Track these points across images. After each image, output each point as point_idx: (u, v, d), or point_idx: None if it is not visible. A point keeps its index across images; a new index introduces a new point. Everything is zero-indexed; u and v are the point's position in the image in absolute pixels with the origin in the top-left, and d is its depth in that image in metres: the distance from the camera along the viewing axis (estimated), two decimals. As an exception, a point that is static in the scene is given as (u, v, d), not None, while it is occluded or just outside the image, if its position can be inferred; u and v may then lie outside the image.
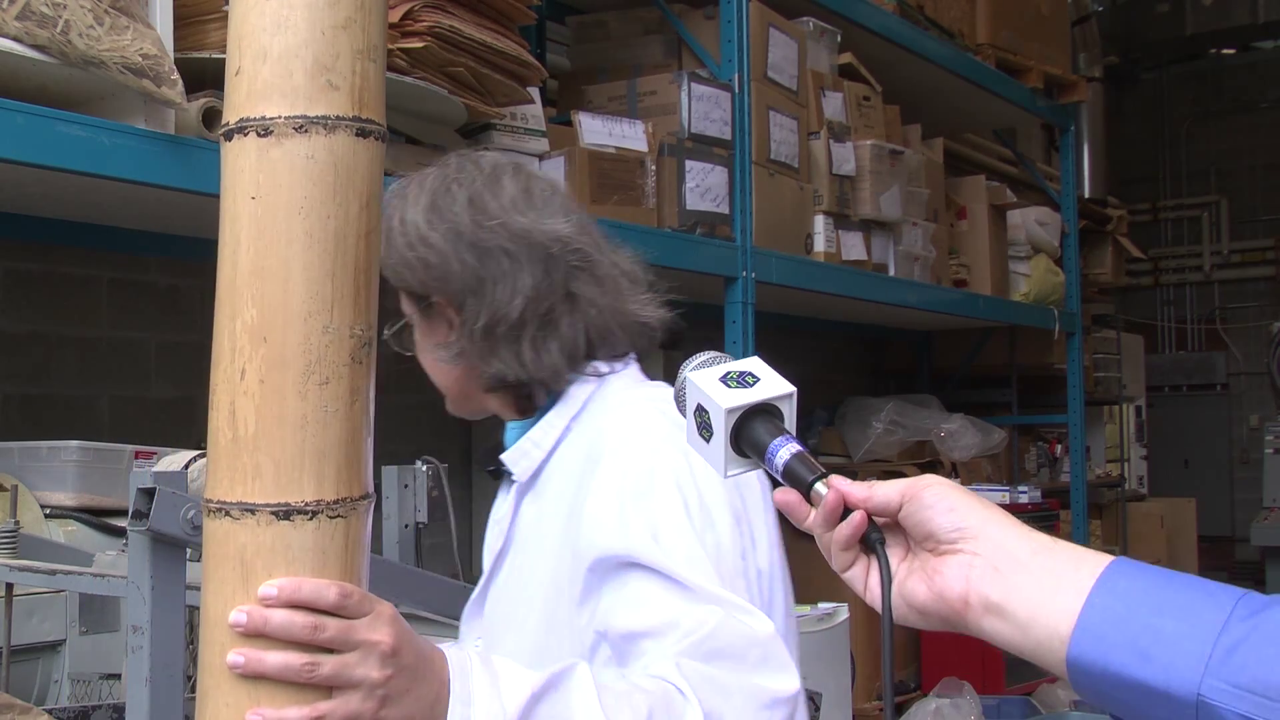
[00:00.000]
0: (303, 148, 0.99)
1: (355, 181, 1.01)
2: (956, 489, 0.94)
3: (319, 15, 0.99)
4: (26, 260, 3.60)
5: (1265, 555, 8.68)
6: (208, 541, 1.02)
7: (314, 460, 0.99)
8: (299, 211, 0.99)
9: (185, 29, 2.39)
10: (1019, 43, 5.78)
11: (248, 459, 0.99)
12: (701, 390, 1.05)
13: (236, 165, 1.01)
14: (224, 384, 1.02)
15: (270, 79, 0.99)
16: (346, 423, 1.00)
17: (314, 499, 0.98)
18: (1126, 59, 12.16)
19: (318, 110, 0.99)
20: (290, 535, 0.98)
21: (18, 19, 2.00)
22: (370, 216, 1.02)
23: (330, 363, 0.99)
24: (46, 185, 2.42)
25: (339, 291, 1.00)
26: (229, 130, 1.01)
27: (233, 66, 1.02)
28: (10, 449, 2.92)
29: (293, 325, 0.99)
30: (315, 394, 0.99)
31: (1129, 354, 9.23)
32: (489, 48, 2.68)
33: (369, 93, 1.01)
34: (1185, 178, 13.03)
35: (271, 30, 0.99)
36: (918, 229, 4.94)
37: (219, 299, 1.03)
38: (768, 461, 1.01)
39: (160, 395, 3.93)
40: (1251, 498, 10.49)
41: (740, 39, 3.77)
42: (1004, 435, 6.22)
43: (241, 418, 1.00)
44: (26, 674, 2.52)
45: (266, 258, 0.99)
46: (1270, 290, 12.45)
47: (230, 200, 1.02)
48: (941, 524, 0.92)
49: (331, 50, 0.99)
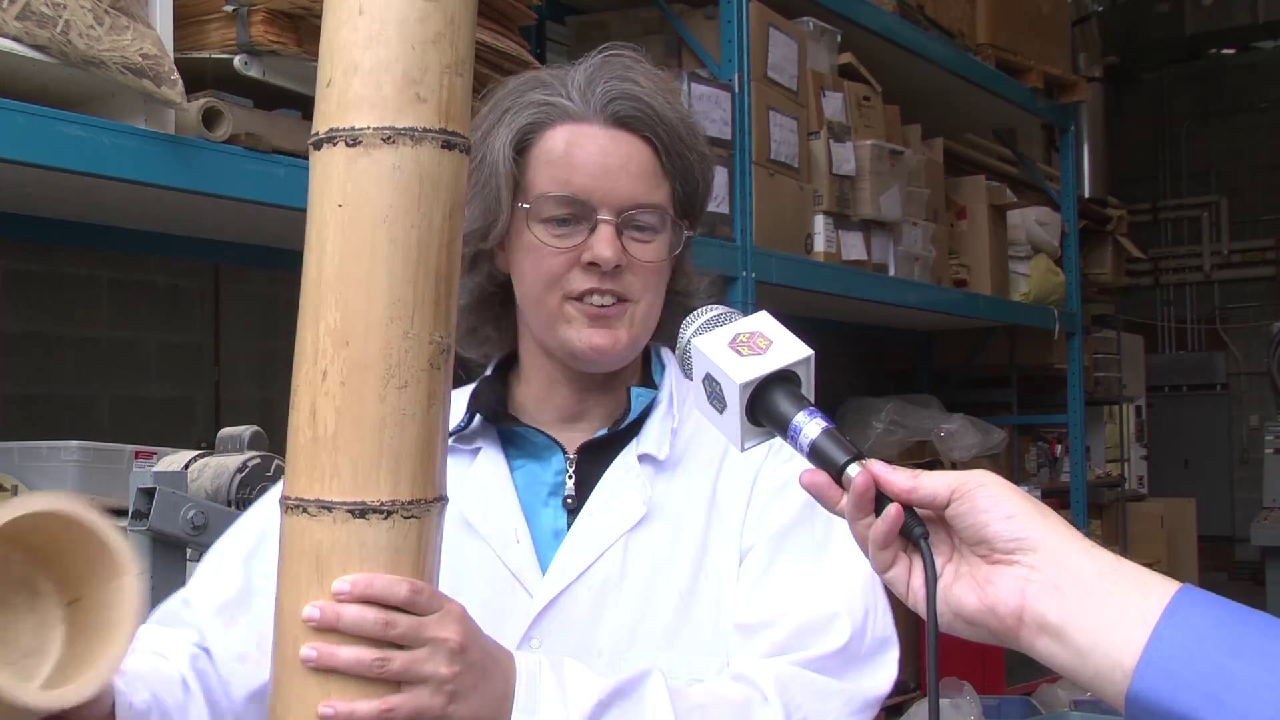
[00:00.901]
0: (390, 158, 1.01)
1: (439, 192, 1.03)
2: (1013, 491, 0.88)
3: (410, 30, 1.01)
4: (27, 260, 3.60)
5: (1265, 555, 8.68)
6: (284, 537, 1.04)
7: (390, 461, 1.01)
8: (384, 220, 1.01)
9: (185, 29, 2.39)
10: (1019, 43, 5.78)
11: (326, 458, 1.02)
12: (709, 359, 0.97)
13: (325, 173, 1.03)
14: (305, 384, 1.04)
15: (360, 91, 1.02)
16: (423, 426, 1.03)
17: (389, 499, 1.01)
18: (1126, 59, 12.16)
19: (405, 122, 1.02)
20: (365, 533, 1.01)
21: (18, 19, 2.00)
22: (452, 226, 1.05)
23: (410, 367, 1.02)
24: (46, 185, 2.41)
25: (420, 298, 1.02)
26: (318, 140, 1.04)
27: (324, 78, 1.04)
28: (10, 449, 2.92)
29: (374, 330, 1.01)
30: (394, 397, 1.02)
31: (1129, 354, 9.23)
32: (489, 48, 2.68)
33: (455, 106, 1.04)
34: (1185, 178, 13.03)
35: (363, 44, 1.02)
36: (918, 229, 4.94)
37: (303, 302, 1.06)
38: (791, 436, 0.94)
39: (160, 395, 3.93)
40: (1251, 498, 10.49)
41: (740, 39, 3.77)
42: (1004, 435, 6.22)
43: (322, 418, 1.02)
44: (26, 674, 2.52)
45: (351, 264, 1.02)
46: (1270, 290, 12.46)
47: (317, 207, 1.04)
48: (998, 531, 0.86)
49: (420, 64, 1.02)
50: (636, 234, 1.27)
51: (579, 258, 1.25)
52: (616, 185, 1.25)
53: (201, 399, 4.03)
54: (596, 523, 1.27)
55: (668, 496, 1.28)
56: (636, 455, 1.30)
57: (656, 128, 1.28)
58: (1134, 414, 10.00)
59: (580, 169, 1.25)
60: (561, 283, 1.26)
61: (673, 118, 1.30)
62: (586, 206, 1.25)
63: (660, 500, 1.28)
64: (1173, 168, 13.09)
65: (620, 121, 1.27)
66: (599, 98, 1.26)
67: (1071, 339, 6.36)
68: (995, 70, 5.57)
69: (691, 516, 1.28)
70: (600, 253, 1.23)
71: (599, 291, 1.25)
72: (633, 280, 1.26)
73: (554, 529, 1.28)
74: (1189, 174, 13.01)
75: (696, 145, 1.32)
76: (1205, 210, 12.84)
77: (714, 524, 1.28)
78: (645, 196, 1.27)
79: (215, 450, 2.23)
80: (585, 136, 1.26)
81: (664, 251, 1.29)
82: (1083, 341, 6.56)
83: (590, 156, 1.25)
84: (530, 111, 1.27)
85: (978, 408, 6.52)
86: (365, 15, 1.02)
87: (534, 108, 1.27)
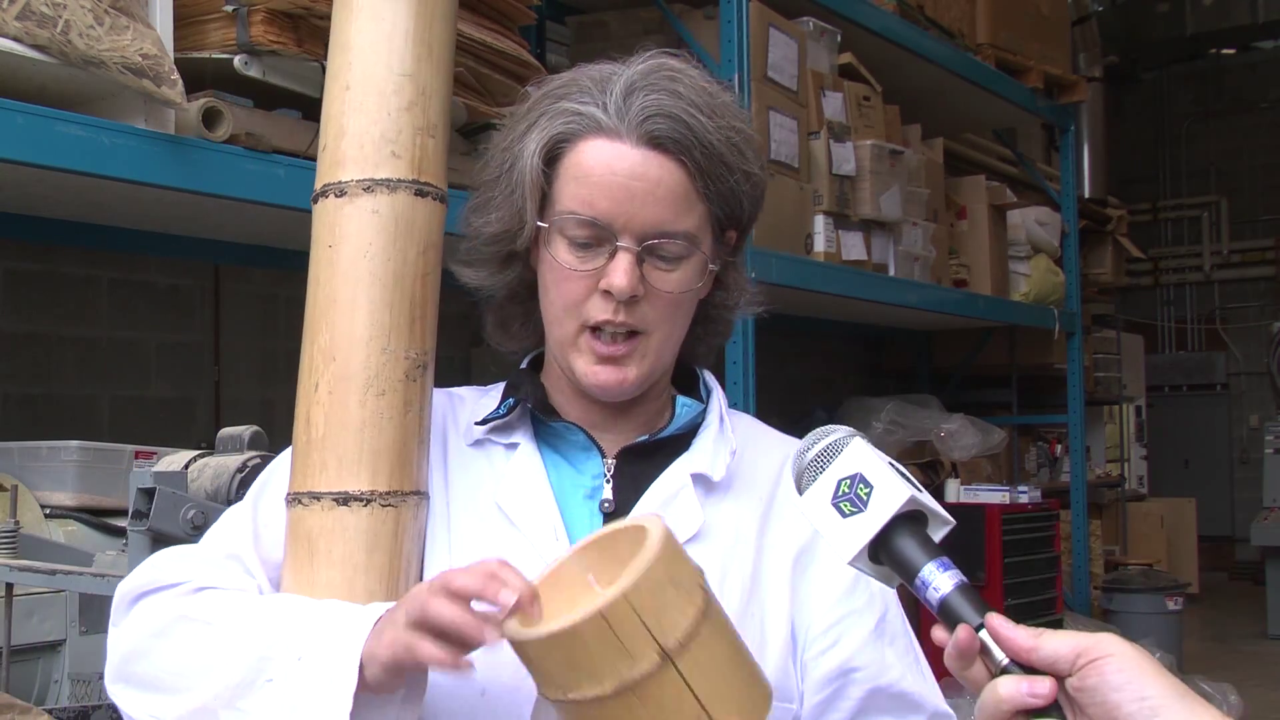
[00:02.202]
0: (369, 204, 1.20)
1: (413, 232, 1.21)
2: (1147, 665, 0.81)
3: (386, 101, 1.22)
4: (26, 260, 3.60)
5: (1265, 555, 8.68)
6: (288, 529, 1.19)
7: (370, 457, 1.17)
8: (364, 255, 1.19)
9: (185, 29, 2.39)
10: (1019, 43, 5.78)
11: (317, 456, 1.18)
12: (872, 463, 0.95)
13: (320, 221, 1.22)
14: (303, 397, 1.21)
15: (346, 150, 1.22)
16: (399, 429, 1.18)
17: (369, 489, 1.16)
18: (1126, 59, 12.16)
19: (382, 174, 1.20)
20: (347, 519, 1.16)
21: (18, 19, 2.00)
22: (427, 261, 1.22)
23: (387, 378, 1.18)
24: (46, 185, 2.41)
25: (395, 320, 1.19)
26: (316, 195, 1.23)
27: (321, 144, 1.24)
28: (10, 449, 2.92)
29: (356, 347, 1.18)
30: (373, 403, 1.18)
31: (1129, 354, 9.23)
32: (489, 48, 2.68)
33: (428, 161, 1.23)
34: (1185, 178, 13.03)
35: (349, 113, 1.22)
36: (918, 229, 4.94)
37: (305, 328, 1.22)
38: (919, 580, 0.91)
39: (160, 395, 3.93)
40: (1251, 498, 10.49)
41: (740, 39, 3.77)
42: (1004, 435, 6.22)
43: (314, 423, 1.18)
44: (26, 674, 2.52)
45: (338, 291, 1.19)
46: (1270, 290, 12.46)
47: (315, 249, 1.22)
48: (1131, 714, 0.79)
49: (395, 127, 1.21)
50: (659, 263, 1.21)
51: (597, 283, 1.20)
52: (640, 211, 1.19)
53: (201, 399, 4.03)
54: None
55: (717, 520, 1.25)
56: (690, 472, 1.26)
57: (693, 150, 1.20)
58: (1134, 414, 10.01)
59: (605, 191, 1.18)
60: (579, 309, 1.21)
61: (713, 139, 1.21)
62: (607, 232, 1.19)
63: (711, 523, 1.25)
64: (1173, 168, 13.10)
65: (654, 141, 1.19)
66: (635, 114, 1.19)
67: (1071, 339, 6.36)
68: (995, 70, 5.57)
69: (742, 546, 1.25)
70: (615, 282, 1.18)
71: (613, 324, 1.20)
72: (648, 311, 1.21)
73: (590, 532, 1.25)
74: (1189, 174, 13.01)
75: (742, 164, 1.24)
76: (1205, 210, 12.84)
77: (764, 560, 1.25)
78: (671, 224, 1.20)
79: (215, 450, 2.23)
80: (615, 155, 1.19)
81: (690, 280, 1.23)
82: (1083, 341, 6.57)
83: (616, 178, 1.18)
84: (562, 121, 1.20)
85: (978, 408, 6.52)
86: (351, 90, 1.22)
87: (566, 116, 1.20)
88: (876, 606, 1.26)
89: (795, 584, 1.25)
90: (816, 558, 1.27)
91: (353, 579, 1.16)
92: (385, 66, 1.22)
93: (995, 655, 0.85)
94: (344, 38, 1.24)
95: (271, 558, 1.22)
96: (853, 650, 1.23)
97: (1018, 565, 5.37)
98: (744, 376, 3.66)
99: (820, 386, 6.88)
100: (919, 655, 1.29)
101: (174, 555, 1.24)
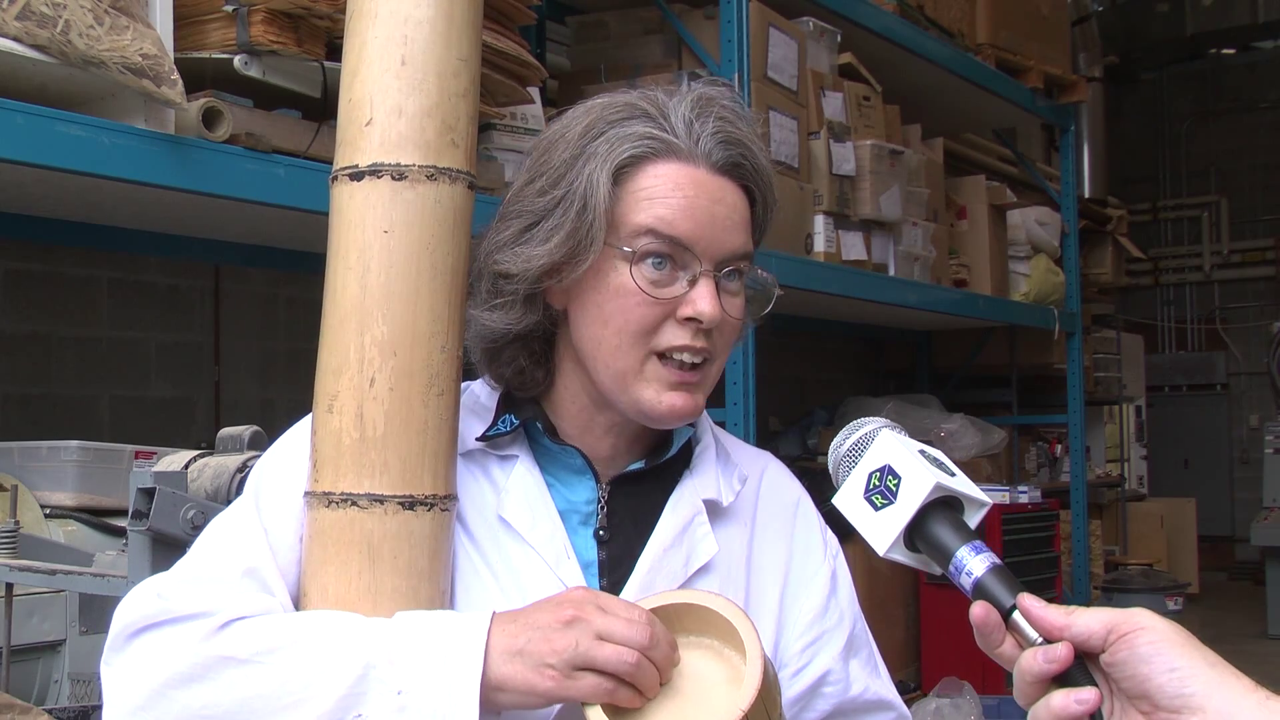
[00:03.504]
0: (433, 193, 1.15)
1: (465, 226, 1.17)
2: (1177, 637, 0.82)
3: (448, 83, 1.16)
4: (26, 260, 3.60)
5: (1265, 555, 8.67)
6: (329, 531, 1.11)
7: (431, 460, 1.13)
8: (427, 247, 1.14)
9: (185, 29, 2.39)
10: (1019, 43, 5.78)
11: (376, 456, 1.11)
12: (899, 453, 0.97)
13: (367, 202, 1.14)
14: (349, 390, 1.13)
15: (406, 132, 1.14)
16: (451, 430, 1.16)
17: (431, 493, 1.13)
18: (1126, 59, 12.17)
19: (445, 163, 1.15)
20: (413, 524, 1.11)
21: (18, 19, 2.00)
22: (467, 257, 1.19)
23: (445, 378, 1.15)
24: (46, 185, 2.41)
25: (452, 318, 1.16)
26: (358, 172, 1.15)
27: (361, 118, 1.15)
28: (10, 449, 2.92)
29: (419, 343, 1.13)
30: (435, 404, 1.14)
31: (1129, 354, 9.23)
32: (489, 48, 2.68)
33: (473, 152, 1.20)
34: (1185, 178, 13.03)
35: (406, 91, 1.15)
36: (918, 229, 4.94)
37: (340, 315, 1.14)
38: (954, 565, 0.92)
39: (160, 395, 3.93)
40: (1251, 498, 10.49)
41: (740, 39, 3.77)
42: (1004, 435, 6.22)
43: (370, 420, 1.12)
44: (26, 674, 2.52)
45: (397, 283, 1.13)
46: (1270, 290, 12.46)
47: (358, 231, 1.14)
48: (1161, 686, 0.80)
49: (455, 113, 1.17)
50: (730, 287, 1.19)
51: (674, 310, 1.16)
52: (720, 236, 1.17)
53: (201, 399, 4.03)
54: (668, 562, 1.21)
55: (721, 547, 1.25)
56: (701, 498, 1.24)
57: (758, 179, 1.21)
58: (1134, 414, 10.01)
59: (687, 213, 1.15)
60: (651, 336, 1.16)
61: (767, 169, 1.23)
62: (689, 255, 1.15)
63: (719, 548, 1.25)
64: (1173, 168, 13.10)
65: (727, 168, 1.18)
66: (709, 139, 1.17)
67: (1071, 339, 6.36)
68: (995, 70, 5.57)
69: (736, 572, 1.25)
70: (703, 309, 1.14)
71: (691, 350, 1.16)
72: (718, 338, 1.19)
73: (586, 559, 1.21)
74: (1189, 174, 13.01)
75: (774, 193, 1.25)
76: (1205, 210, 12.85)
77: (753, 586, 1.26)
78: (743, 250, 1.19)
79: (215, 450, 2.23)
80: (692, 178, 1.16)
81: (745, 307, 1.23)
82: (1083, 341, 6.56)
83: (698, 201, 1.16)
84: (633, 143, 1.16)
85: (978, 408, 6.52)
86: (408, 66, 1.15)
87: (637, 139, 1.16)
88: (846, 624, 1.29)
89: (779, 607, 1.26)
90: (794, 579, 1.28)
91: (418, 587, 1.11)
92: (445, 46, 1.16)
93: (1029, 634, 0.87)
94: (396, 7, 1.15)
95: (284, 562, 1.13)
96: (825, 668, 1.26)
97: (1018, 565, 5.37)
98: (744, 377, 3.66)
99: (820, 386, 6.88)
100: (879, 661, 1.33)
101: (181, 580, 1.11)
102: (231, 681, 1.02)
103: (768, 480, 1.33)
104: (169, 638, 1.05)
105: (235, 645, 1.03)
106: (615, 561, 1.21)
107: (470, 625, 1.03)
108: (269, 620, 1.06)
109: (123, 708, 1.05)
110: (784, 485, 1.34)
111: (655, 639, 1.01)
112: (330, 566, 1.10)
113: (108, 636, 1.09)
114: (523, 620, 1.03)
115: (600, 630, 1.00)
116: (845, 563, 1.33)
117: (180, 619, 1.05)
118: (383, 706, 0.99)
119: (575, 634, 1.00)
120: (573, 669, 0.99)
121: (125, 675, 1.06)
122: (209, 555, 1.14)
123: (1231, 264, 12.74)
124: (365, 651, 1.01)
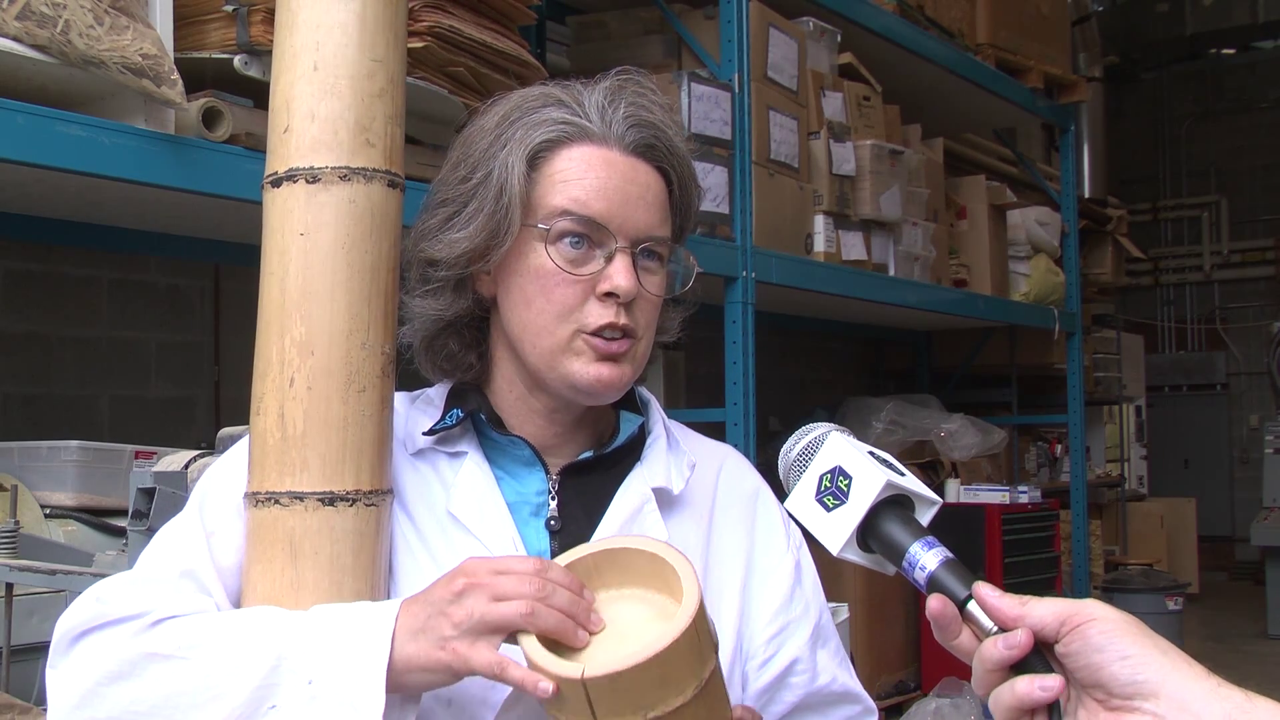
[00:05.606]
0: (346, 193, 1.16)
1: (386, 224, 1.18)
2: (1128, 626, 0.82)
3: (360, 85, 1.18)
4: (26, 260, 3.60)
5: (1265, 555, 8.68)
6: (256, 529, 1.13)
7: (354, 456, 1.14)
8: (343, 246, 1.16)
9: (185, 29, 2.39)
10: (1019, 43, 5.78)
11: (296, 454, 1.13)
12: (849, 455, 0.98)
13: (285, 207, 1.17)
14: (272, 391, 1.15)
15: (319, 136, 1.17)
16: (377, 426, 1.17)
17: (354, 489, 1.14)
18: (1126, 59, 12.17)
19: (359, 163, 1.17)
20: (334, 519, 1.13)
21: (18, 19, 2.00)
22: (394, 254, 1.20)
23: (367, 374, 1.16)
24: (46, 185, 2.41)
25: (373, 314, 1.17)
26: (277, 178, 1.17)
27: (280, 125, 1.19)
28: (10, 449, 2.92)
29: (337, 341, 1.15)
30: (355, 400, 1.15)
31: (1129, 354, 9.23)
32: (489, 48, 2.68)
33: (395, 151, 1.20)
34: (1185, 178, 13.04)
35: (319, 96, 1.17)
36: (918, 229, 4.94)
37: (264, 319, 1.17)
38: (907, 561, 0.93)
39: (160, 395, 3.93)
40: (1251, 498, 10.49)
41: (740, 39, 3.77)
42: (1004, 435, 6.22)
43: (291, 420, 1.14)
44: (26, 674, 2.52)
45: (314, 284, 1.15)
46: (1270, 290, 12.46)
47: (278, 236, 1.17)
48: (1115, 674, 0.80)
49: (369, 114, 1.18)
50: (649, 264, 1.22)
51: (594, 287, 1.19)
52: (635, 214, 1.20)
53: (201, 399, 4.03)
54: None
55: (674, 535, 1.25)
56: (651, 486, 1.26)
57: (672, 160, 1.25)
58: (1134, 414, 10.02)
59: (600, 193, 1.19)
60: (574, 315, 1.19)
61: (683, 151, 1.26)
62: (605, 233, 1.19)
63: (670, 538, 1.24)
64: (1173, 168, 13.10)
65: (640, 150, 1.22)
66: (620, 123, 1.22)
67: (1071, 339, 6.36)
68: (995, 70, 5.57)
69: (695, 559, 1.22)
70: (620, 283, 1.18)
71: (613, 326, 1.19)
72: (639, 315, 1.22)
73: (538, 549, 1.23)
74: (1189, 174, 13.01)
75: (695, 178, 1.30)
76: (1205, 210, 12.85)
77: (712, 575, 1.27)
78: (658, 229, 1.22)
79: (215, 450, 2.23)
80: (605, 160, 1.21)
81: (666, 285, 1.26)
82: (1083, 341, 6.56)
83: (610, 181, 1.20)
84: (547, 129, 1.21)
85: (978, 408, 6.53)
86: (320, 71, 1.17)
87: (551, 125, 1.21)
88: (812, 614, 1.30)
89: (742, 598, 1.27)
90: (757, 570, 1.29)
91: (341, 581, 1.12)
92: (358, 49, 1.18)
93: (985, 624, 0.87)
94: (309, 15, 1.19)
95: (227, 564, 1.16)
96: (792, 658, 1.27)
97: (1018, 565, 5.37)
98: (744, 376, 3.66)
99: (820, 386, 6.88)
100: (845, 654, 1.35)
101: (118, 584, 1.14)
102: (157, 677, 1.05)
103: (726, 471, 1.34)
104: (104, 639, 1.08)
105: (162, 642, 1.06)
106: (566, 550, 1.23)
107: (379, 612, 1.05)
108: (196, 618, 1.08)
109: (62, 708, 1.07)
110: (742, 476, 1.35)
111: (548, 585, 1.01)
112: (258, 565, 1.13)
113: (51, 642, 1.11)
114: (423, 599, 1.05)
115: (495, 593, 1.01)
116: (809, 554, 1.33)
117: (115, 621, 1.08)
118: (295, 697, 1.02)
119: (470, 602, 1.01)
120: (475, 637, 1.00)
121: (65, 677, 1.08)
122: (150, 559, 1.17)
123: (1231, 264, 12.74)
124: (278, 644, 1.04)
